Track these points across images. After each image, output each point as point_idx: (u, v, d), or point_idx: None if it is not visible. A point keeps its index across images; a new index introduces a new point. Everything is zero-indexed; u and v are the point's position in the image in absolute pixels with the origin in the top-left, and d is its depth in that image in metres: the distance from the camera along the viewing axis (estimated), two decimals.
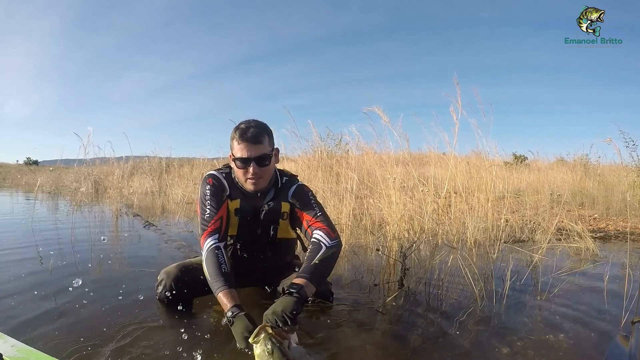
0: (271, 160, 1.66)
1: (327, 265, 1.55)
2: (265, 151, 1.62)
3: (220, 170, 1.76)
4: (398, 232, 2.46)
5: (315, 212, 1.69)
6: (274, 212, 1.71)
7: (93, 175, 8.78)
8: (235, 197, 1.69)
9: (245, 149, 1.58)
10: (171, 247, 3.21)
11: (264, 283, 1.90)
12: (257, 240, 1.75)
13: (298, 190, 1.76)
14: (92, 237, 3.68)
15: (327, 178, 3.91)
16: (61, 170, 11.89)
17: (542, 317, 1.80)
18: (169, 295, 1.73)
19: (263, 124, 1.66)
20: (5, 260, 2.68)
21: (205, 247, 1.53)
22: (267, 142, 1.63)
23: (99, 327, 1.52)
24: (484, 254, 2.65)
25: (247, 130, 1.59)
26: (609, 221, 4.38)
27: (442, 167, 3.69)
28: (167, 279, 1.76)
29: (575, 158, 7.14)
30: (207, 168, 7.45)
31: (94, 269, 2.53)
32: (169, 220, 4.90)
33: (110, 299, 1.86)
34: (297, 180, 1.82)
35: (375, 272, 2.35)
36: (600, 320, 1.77)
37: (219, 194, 1.67)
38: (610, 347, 1.40)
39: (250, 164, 1.59)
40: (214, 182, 1.68)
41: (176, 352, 1.34)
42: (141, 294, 1.93)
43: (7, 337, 1.30)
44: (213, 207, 1.62)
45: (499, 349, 1.46)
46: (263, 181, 1.66)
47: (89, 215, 5.37)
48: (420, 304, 1.94)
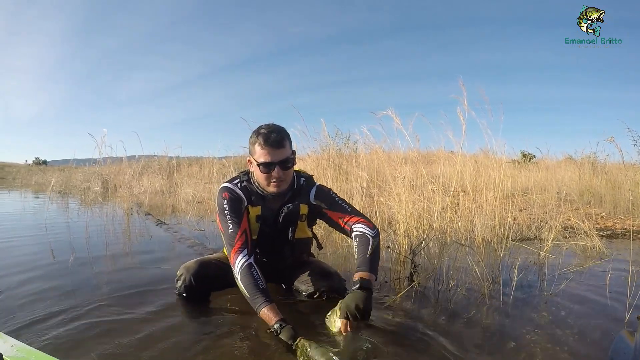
0: (293, 163, 1.71)
1: (378, 254, 1.64)
2: (288, 154, 1.67)
3: (234, 180, 1.78)
4: (407, 230, 2.51)
5: (345, 208, 1.77)
6: (293, 214, 1.76)
7: (103, 174, 8.93)
8: (256, 204, 1.73)
9: (269, 154, 1.62)
10: (184, 245, 3.28)
11: (281, 280, 1.98)
12: (276, 242, 1.80)
13: (319, 192, 1.82)
14: (107, 235, 3.76)
15: (337, 177, 3.96)
16: (71, 170, 12.07)
17: (549, 312, 1.84)
18: (188, 289, 1.80)
19: (283, 128, 1.71)
20: (23, 258, 2.76)
21: (237, 265, 1.57)
22: (288, 146, 1.69)
23: (118, 324, 1.59)
24: (491, 252, 2.69)
25: (270, 135, 1.63)
26: (616, 220, 4.39)
27: (450, 166, 3.74)
28: (187, 274, 1.81)
29: (583, 156, 7.11)
30: (216, 167, 7.54)
31: (109, 266, 2.61)
32: (180, 219, 4.97)
33: (128, 296, 1.94)
34: (314, 181, 1.87)
35: (385, 268, 2.40)
36: (605, 316, 1.81)
37: (237, 206, 1.69)
38: (615, 342, 1.44)
39: (274, 167, 1.63)
40: (230, 195, 1.70)
41: (196, 345, 1.41)
42: (159, 289, 2.01)
43: (7, 337, 1.32)
44: (235, 222, 1.65)
45: (506, 343, 1.50)
46: (285, 183, 1.70)
47: (101, 214, 5.46)
48: (429, 300, 1.99)
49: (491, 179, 3.18)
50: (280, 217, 1.74)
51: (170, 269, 2.42)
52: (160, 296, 1.93)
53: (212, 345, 1.42)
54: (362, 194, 3.32)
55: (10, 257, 2.78)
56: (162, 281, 2.15)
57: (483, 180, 3.31)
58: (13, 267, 2.45)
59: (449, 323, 1.70)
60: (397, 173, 2.93)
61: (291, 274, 1.94)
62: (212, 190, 6.58)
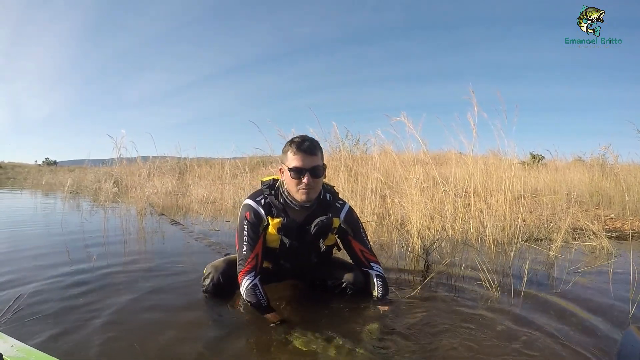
0: (323, 173, 1.79)
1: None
2: (319, 163, 1.76)
3: (258, 196, 1.84)
4: (421, 230, 2.59)
5: (366, 243, 1.96)
6: (326, 226, 1.83)
7: (114, 175, 9.06)
8: (277, 216, 1.80)
9: (301, 160, 1.70)
10: (201, 244, 3.37)
11: (303, 279, 2.08)
12: (301, 250, 1.87)
13: (349, 216, 1.92)
14: (125, 235, 3.84)
15: (348, 178, 4.03)
16: (81, 171, 12.23)
17: (557, 309, 1.91)
18: (216, 287, 1.89)
19: (316, 140, 1.79)
20: (45, 258, 2.80)
21: (243, 285, 1.73)
22: (320, 156, 1.78)
23: (149, 321, 1.69)
24: (502, 252, 2.75)
25: (303, 143, 1.72)
26: (625, 221, 4.42)
27: (460, 167, 3.80)
28: (215, 273, 1.89)
29: (592, 158, 7.12)
30: (228, 168, 7.63)
31: (135, 265, 2.66)
32: (194, 219, 5.06)
33: (153, 294, 2.02)
34: (342, 200, 1.97)
35: (400, 266, 2.48)
36: (611, 313, 1.87)
37: (256, 228, 1.79)
38: (624, 337, 1.50)
39: (305, 174, 1.70)
40: (251, 216, 1.78)
41: (222, 340, 1.51)
42: (184, 287, 2.10)
43: (7, 337, 1.32)
44: (250, 245, 1.76)
45: (516, 337, 1.57)
46: (314, 192, 1.77)
47: (115, 214, 5.53)
48: (442, 298, 2.07)
49: (501, 180, 3.24)
50: (314, 228, 1.80)
51: (191, 266, 2.52)
52: (183, 294, 2.02)
53: (235, 338, 1.52)
54: (377, 195, 3.39)
55: (29, 258, 2.80)
56: (184, 279, 2.25)
57: (493, 182, 3.36)
58: (33, 267, 2.49)
59: (460, 318, 1.77)
60: (411, 175, 3.00)
61: (315, 271, 2.03)
62: (223, 192, 6.69)
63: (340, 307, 1.85)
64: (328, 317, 1.75)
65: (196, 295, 1.98)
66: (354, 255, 1.94)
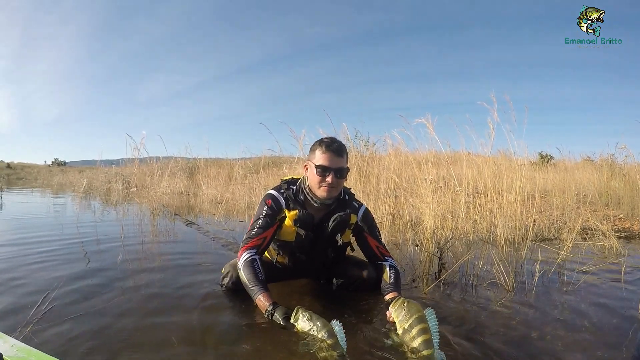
0: (346, 176, 1.89)
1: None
2: (344, 165, 1.86)
3: (280, 189, 1.94)
4: (434, 229, 2.65)
5: (379, 239, 2.03)
6: (345, 221, 1.92)
7: (124, 175, 9.20)
8: (293, 208, 1.89)
9: (328, 159, 1.81)
10: (218, 244, 3.44)
11: (318, 275, 2.16)
12: (318, 245, 1.96)
13: (366, 216, 2.01)
14: (142, 235, 3.87)
15: (359, 178, 4.11)
16: (91, 171, 12.38)
17: (568, 306, 1.97)
18: (235, 285, 1.92)
19: (344, 144, 1.90)
20: (63, 258, 2.80)
21: (242, 258, 1.78)
22: (345, 159, 1.87)
23: (171, 317, 1.73)
24: (513, 251, 2.81)
25: (333, 144, 1.83)
26: (634, 221, 4.45)
27: (470, 168, 3.86)
28: (233, 271, 1.94)
29: (601, 158, 7.11)
30: (238, 169, 7.72)
31: (153, 265, 2.69)
32: (207, 219, 5.14)
33: (174, 292, 2.05)
34: (358, 201, 2.06)
35: (414, 264, 2.55)
36: (621, 309, 1.94)
37: (274, 216, 1.88)
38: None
39: (330, 172, 1.81)
40: (272, 204, 1.89)
41: (240, 337, 1.55)
42: (203, 285, 2.15)
43: (7, 337, 1.32)
44: (262, 228, 1.85)
45: (529, 333, 1.64)
46: (335, 191, 1.88)
47: (129, 214, 5.62)
48: (456, 295, 2.14)
49: (511, 181, 3.30)
50: (332, 223, 1.89)
51: (210, 265, 2.60)
52: (205, 291, 2.06)
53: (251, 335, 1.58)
54: (391, 195, 3.46)
55: (48, 260, 2.75)
56: (205, 278, 2.29)
57: (504, 182, 3.42)
58: (57, 270, 2.45)
59: (474, 315, 1.84)
60: (425, 176, 3.08)
61: (329, 268, 2.11)
62: (235, 192, 6.77)
63: (352, 306, 1.89)
64: (336, 315, 1.79)
65: (215, 294, 2.00)
66: (370, 251, 2.01)
